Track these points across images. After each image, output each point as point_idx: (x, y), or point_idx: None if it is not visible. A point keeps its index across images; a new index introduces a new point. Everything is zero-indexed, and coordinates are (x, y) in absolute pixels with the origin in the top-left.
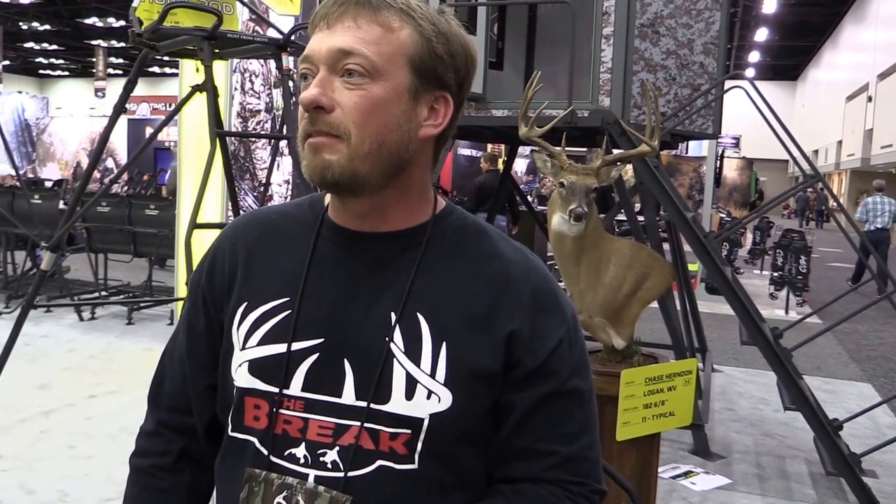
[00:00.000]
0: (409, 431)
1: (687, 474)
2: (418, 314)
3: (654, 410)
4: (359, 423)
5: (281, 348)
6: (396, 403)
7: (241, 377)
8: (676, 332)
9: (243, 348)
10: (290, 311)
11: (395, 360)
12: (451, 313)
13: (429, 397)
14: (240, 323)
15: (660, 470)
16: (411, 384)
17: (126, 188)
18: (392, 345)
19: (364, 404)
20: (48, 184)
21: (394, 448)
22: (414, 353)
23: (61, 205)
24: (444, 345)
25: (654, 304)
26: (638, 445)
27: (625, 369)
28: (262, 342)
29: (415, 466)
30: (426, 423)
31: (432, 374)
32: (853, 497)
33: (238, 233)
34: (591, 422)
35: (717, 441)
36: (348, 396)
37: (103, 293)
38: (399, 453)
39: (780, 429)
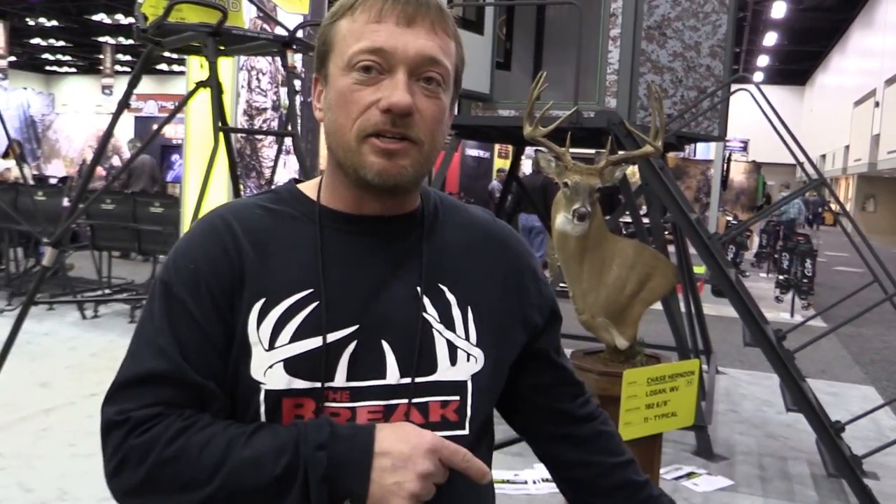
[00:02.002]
0: (457, 398)
1: (689, 475)
2: (440, 285)
3: (656, 411)
4: (406, 401)
5: (317, 342)
6: (443, 371)
7: (276, 379)
8: (680, 333)
9: (271, 348)
10: (317, 303)
11: (433, 330)
12: (466, 278)
13: (468, 360)
14: (259, 322)
15: (662, 471)
16: (453, 350)
17: None
18: (427, 317)
19: (409, 381)
20: (53, 181)
21: (445, 416)
22: (448, 321)
23: (65, 202)
24: (469, 309)
25: (660, 306)
26: (640, 446)
27: (627, 369)
28: (294, 339)
29: (466, 432)
30: (469, 385)
31: (466, 338)
32: (854, 499)
33: (230, 226)
34: None
35: (720, 442)
36: (392, 376)
37: (106, 291)
38: (451, 420)
39: (783, 430)
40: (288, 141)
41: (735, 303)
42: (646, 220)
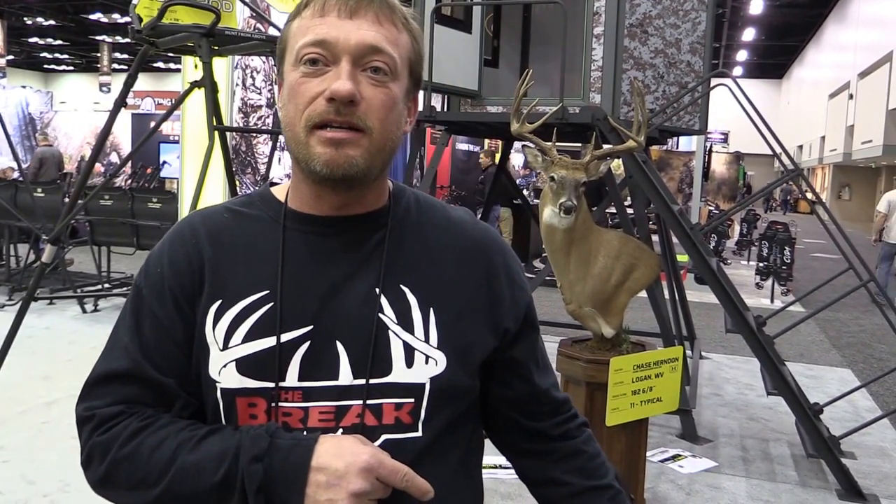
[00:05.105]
0: (412, 400)
1: (675, 458)
2: (401, 286)
3: (642, 396)
4: (360, 402)
5: (269, 342)
6: (399, 373)
7: (229, 378)
8: (664, 320)
9: (225, 348)
10: (272, 304)
11: (389, 332)
12: (432, 279)
13: (427, 362)
14: (215, 322)
15: (649, 454)
16: (409, 352)
17: (129, 181)
18: (384, 318)
19: (362, 382)
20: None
21: (399, 418)
22: (406, 323)
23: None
24: (431, 311)
25: (645, 294)
26: (627, 430)
27: (614, 357)
28: (247, 339)
29: (419, 434)
30: (427, 387)
31: (426, 340)
32: (833, 478)
33: (196, 231)
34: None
35: (704, 425)
36: (345, 377)
37: (106, 285)
38: (404, 423)
39: (765, 413)
40: (282, 138)
41: (716, 291)
42: (630, 212)
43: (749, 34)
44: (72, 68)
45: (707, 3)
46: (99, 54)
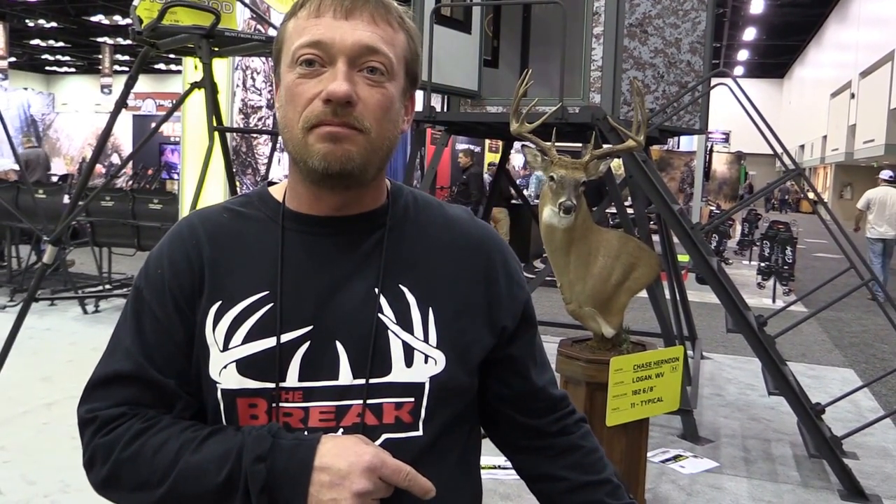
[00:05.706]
0: (412, 399)
1: (676, 458)
2: (400, 285)
3: (642, 396)
4: (360, 402)
5: (269, 343)
6: (398, 373)
7: (229, 379)
8: (665, 320)
9: (225, 349)
10: (272, 304)
11: (389, 331)
12: (430, 278)
13: (426, 362)
14: (215, 323)
15: (650, 454)
16: (409, 352)
17: (130, 182)
18: (383, 317)
19: (362, 382)
20: (53, 178)
21: (399, 418)
22: (405, 322)
23: (66, 199)
24: (430, 310)
25: (646, 294)
26: (627, 430)
27: (614, 356)
28: (247, 339)
29: (419, 433)
30: (427, 387)
31: (425, 340)
32: (835, 478)
33: (195, 231)
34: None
35: (705, 426)
36: (345, 377)
37: (107, 286)
38: (405, 422)
39: (766, 413)
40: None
41: (717, 290)
42: (630, 212)
43: (750, 34)
44: (73, 70)
45: (707, 2)
46: (100, 56)
